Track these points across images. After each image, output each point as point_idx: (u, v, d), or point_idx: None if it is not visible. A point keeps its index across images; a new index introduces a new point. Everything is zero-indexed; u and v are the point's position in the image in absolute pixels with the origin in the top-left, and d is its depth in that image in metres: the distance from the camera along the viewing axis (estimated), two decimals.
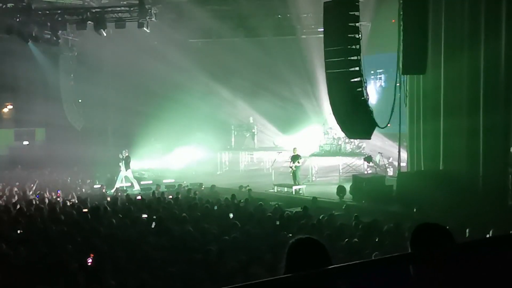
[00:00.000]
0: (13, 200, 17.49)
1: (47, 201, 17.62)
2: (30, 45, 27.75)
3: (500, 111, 15.89)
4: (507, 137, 15.85)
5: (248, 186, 20.36)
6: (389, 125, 17.27)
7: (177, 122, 28.55)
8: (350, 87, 16.51)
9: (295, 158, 21.85)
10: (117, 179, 24.12)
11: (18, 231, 12.12)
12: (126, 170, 24.11)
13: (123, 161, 24.11)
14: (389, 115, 17.41)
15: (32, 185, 21.75)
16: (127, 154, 24.37)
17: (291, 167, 22.01)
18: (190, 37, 29.25)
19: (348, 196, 18.84)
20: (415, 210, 14.72)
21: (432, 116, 18.86)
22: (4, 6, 24.68)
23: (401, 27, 16.50)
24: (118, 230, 11.68)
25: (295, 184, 21.48)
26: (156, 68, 27.56)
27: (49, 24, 25.72)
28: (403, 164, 20.55)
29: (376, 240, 9.96)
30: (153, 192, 20.03)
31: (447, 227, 3.41)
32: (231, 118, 29.76)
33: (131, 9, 24.92)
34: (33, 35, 25.65)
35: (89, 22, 25.13)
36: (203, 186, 21.73)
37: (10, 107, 35.13)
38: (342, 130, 19.16)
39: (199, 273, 8.02)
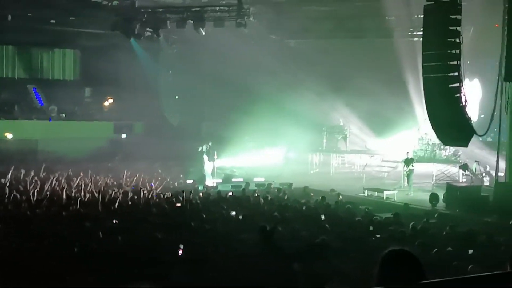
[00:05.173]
0: (110, 192, 18.16)
1: (141, 194, 18.19)
2: (132, 42, 28.81)
3: None
4: None
5: (335, 190, 20.15)
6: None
7: (270, 121, 28.74)
8: (448, 92, 16.04)
9: (408, 161, 22.21)
10: (205, 174, 24.67)
11: (114, 221, 12.58)
12: (208, 162, 24.79)
13: (206, 153, 24.83)
14: (488, 123, 16.83)
15: (128, 178, 22.51)
16: (210, 144, 25.11)
17: (405, 170, 22.41)
18: (286, 37, 29.36)
19: (441, 204, 18.35)
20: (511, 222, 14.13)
21: None
22: (109, 3, 25.74)
23: (506, 32, 15.89)
24: (208, 225, 11.92)
25: (409, 187, 21.96)
26: (251, 67, 27.85)
27: (151, 21, 26.60)
28: (500, 174, 19.78)
29: (470, 252, 9.64)
30: (243, 190, 20.28)
31: None
32: (323, 119, 29.65)
33: (230, 8, 25.32)
34: (136, 32, 26.62)
35: (189, 20, 25.78)
36: (293, 187, 21.76)
37: (111, 100, 36.52)
38: (437, 137, 18.67)
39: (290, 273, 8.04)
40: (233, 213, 14.34)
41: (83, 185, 18.95)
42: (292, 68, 28.55)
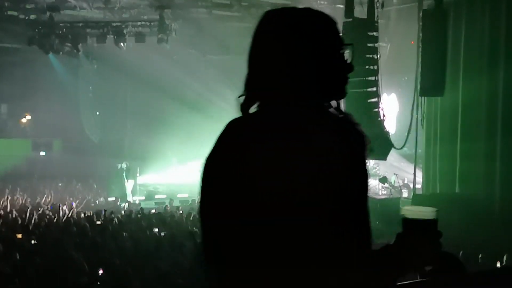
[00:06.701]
0: (27, 211, 17.52)
1: (61, 212, 17.67)
2: (50, 57, 28.03)
3: None
4: None
5: None
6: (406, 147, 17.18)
7: (193, 136, 28.59)
8: (367, 107, 16.45)
9: None
10: (127, 192, 24.34)
11: (32, 242, 12.14)
12: (127, 181, 24.50)
13: (125, 172, 24.57)
14: (406, 136, 17.36)
15: (47, 196, 21.84)
16: (127, 163, 24.94)
17: None
18: (207, 53, 29.34)
19: None
20: None
21: (449, 138, 18.74)
22: (26, 17, 24.97)
23: (420, 49, 16.46)
24: (130, 244, 11.69)
25: None
26: (174, 83, 27.68)
27: (70, 36, 25.96)
28: (418, 186, 20.39)
29: None
30: (165, 207, 20.05)
31: (458, 256, 3.34)
32: None
33: (151, 23, 25.05)
34: (54, 47, 25.90)
35: (110, 35, 25.34)
36: None
37: (29, 117, 35.41)
38: None
39: None
40: (156, 230, 14.14)
41: None
42: (214, 83, 28.54)
